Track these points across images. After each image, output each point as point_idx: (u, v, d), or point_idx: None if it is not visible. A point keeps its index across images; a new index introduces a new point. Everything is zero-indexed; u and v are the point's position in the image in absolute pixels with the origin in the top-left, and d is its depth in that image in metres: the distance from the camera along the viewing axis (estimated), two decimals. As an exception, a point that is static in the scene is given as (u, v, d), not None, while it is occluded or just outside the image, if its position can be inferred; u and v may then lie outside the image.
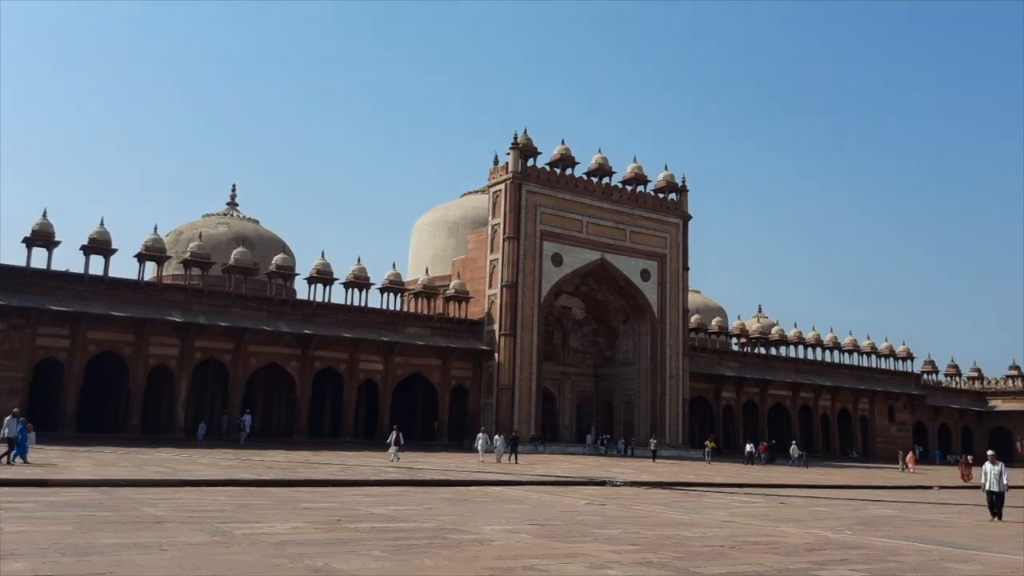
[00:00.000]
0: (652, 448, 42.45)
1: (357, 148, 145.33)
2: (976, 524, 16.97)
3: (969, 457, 40.29)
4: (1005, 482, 17.58)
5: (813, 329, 65.42)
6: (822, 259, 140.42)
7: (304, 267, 46.54)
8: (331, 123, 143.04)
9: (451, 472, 25.89)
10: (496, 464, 31.19)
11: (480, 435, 34.82)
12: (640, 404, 52.42)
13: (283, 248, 50.78)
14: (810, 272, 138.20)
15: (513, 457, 33.58)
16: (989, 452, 18.81)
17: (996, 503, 17.65)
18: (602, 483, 24.59)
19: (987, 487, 17.78)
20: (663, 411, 51.61)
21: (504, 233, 47.16)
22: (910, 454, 47.23)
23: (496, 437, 34.67)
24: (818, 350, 65.20)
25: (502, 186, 47.98)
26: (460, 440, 45.10)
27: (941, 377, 75.59)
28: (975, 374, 76.36)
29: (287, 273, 46.14)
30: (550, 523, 13.98)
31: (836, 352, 66.24)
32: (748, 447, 46.60)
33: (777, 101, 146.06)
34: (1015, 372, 73.24)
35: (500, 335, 46.18)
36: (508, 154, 48.31)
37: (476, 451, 34.39)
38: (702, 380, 56.00)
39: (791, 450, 47.51)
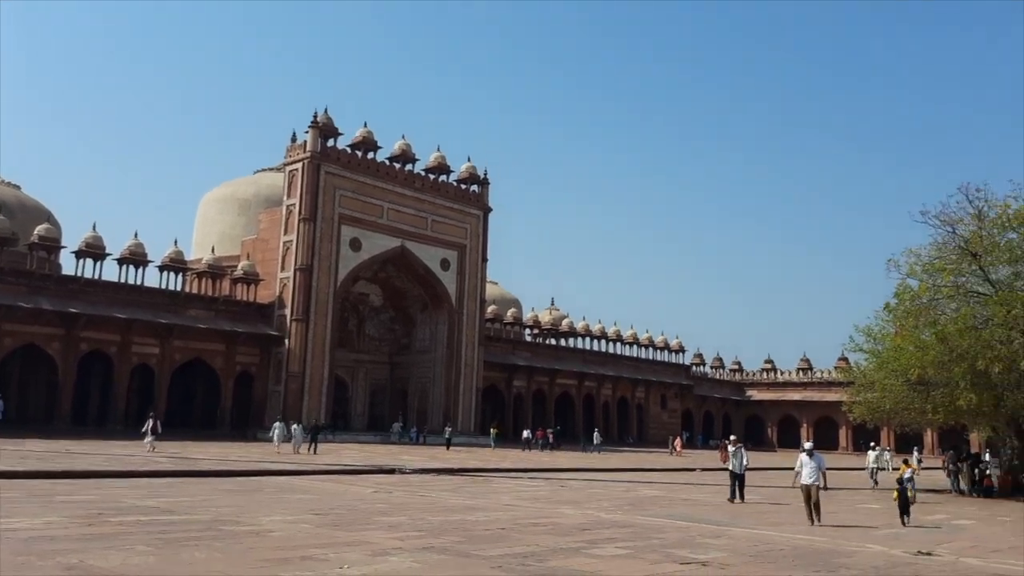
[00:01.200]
0: (447, 436, 42.92)
1: (140, 114, 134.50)
2: (728, 503, 18.62)
3: (728, 441, 44.43)
4: (745, 463, 18.85)
5: (599, 322, 69.18)
6: (611, 257, 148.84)
7: (73, 240, 42.37)
8: (110, 82, 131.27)
9: (232, 462, 24.67)
10: (294, 455, 29.96)
11: (277, 424, 33.19)
12: (434, 392, 52.81)
13: (48, 218, 45.77)
14: (600, 268, 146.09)
15: (313, 447, 32.41)
16: (731, 437, 19.86)
17: (739, 484, 18.57)
18: (392, 471, 24.50)
19: (731, 468, 18.84)
20: (457, 399, 52.32)
21: (300, 214, 45.56)
22: (678, 439, 51.33)
23: (295, 426, 33.23)
24: (603, 342, 69.01)
25: (299, 165, 46.32)
26: (244, 429, 43.07)
27: (708, 369, 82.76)
28: (736, 367, 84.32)
29: (51, 245, 41.76)
30: (334, 512, 13.70)
31: (618, 344, 70.44)
32: (525, 433, 47.88)
33: (580, 101, 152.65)
34: (769, 366, 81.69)
35: (292, 320, 44.62)
36: (307, 133, 46.72)
37: (270, 441, 32.81)
38: (496, 369, 57.42)
39: (594, 437, 49.74)
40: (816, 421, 73.60)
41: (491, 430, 47.17)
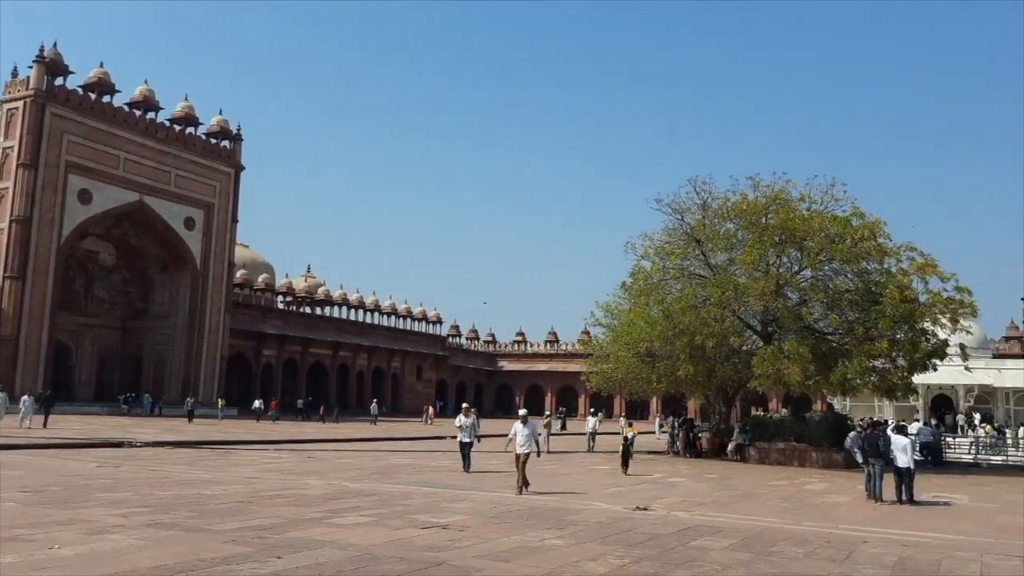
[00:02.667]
0: (188, 407, 40.22)
1: None
2: (474, 469, 19.10)
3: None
4: (476, 433, 18.12)
5: (357, 291, 68.38)
6: (372, 227, 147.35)
7: None
8: None
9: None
10: (19, 428, 26.30)
11: (-8, 394, 28.91)
12: (173, 360, 49.39)
13: None
14: (361, 238, 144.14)
15: (44, 419, 28.64)
16: (464, 405, 19.28)
17: (467, 453, 17.80)
18: (120, 444, 22.55)
19: (460, 438, 17.90)
20: (199, 368, 49.33)
21: (19, 158, 40.32)
22: (431, 408, 52.37)
23: (25, 398, 29.04)
24: (360, 312, 68.35)
25: (20, 103, 40.89)
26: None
27: (463, 340, 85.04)
28: (490, 339, 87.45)
29: None
30: (48, 489, 12.35)
31: (376, 314, 70.15)
32: (257, 403, 45.80)
33: (350, 68, 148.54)
34: (520, 338, 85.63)
35: (5, 277, 39.45)
36: (31, 68, 41.24)
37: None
38: (244, 337, 54.84)
39: (372, 407, 48.95)
40: (560, 390, 78.42)
41: (218, 400, 44.93)
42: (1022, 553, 9.73)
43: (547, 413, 30.29)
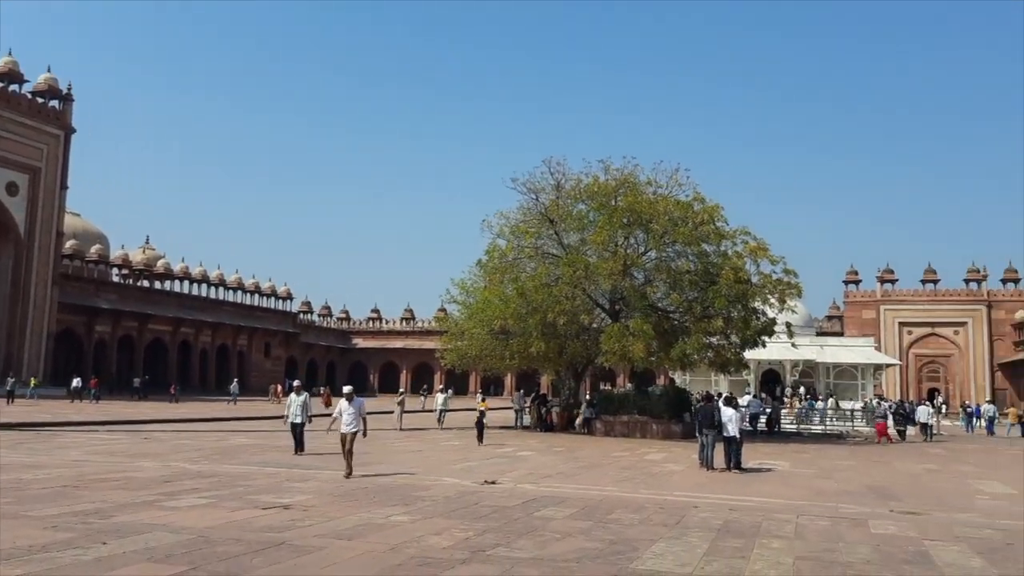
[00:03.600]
0: (9, 388, 36.89)
1: None
2: (320, 450, 18.71)
3: (327, 389, 45.25)
4: (307, 413, 16.97)
5: (201, 265, 65.14)
6: (217, 198, 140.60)
7: None
8: None
9: None
10: None
11: None
12: (-8, 337, 45.29)
13: None
14: (206, 210, 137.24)
15: None
16: (295, 383, 17.89)
17: (299, 434, 16.82)
18: (-76, 428, 20.50)
19: (290, 419, 16.84)
20: (23, 345, 45.57)
21: None
22: (279, 387, 50.85)
23: None
24: (204, 286, 65.20)
25: None
26: None
27: (315, 317, 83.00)
28: (344, 315, 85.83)
29: None
30: None
31: (222, 289, 67.15)
32: (75, 381, 41.56)
33: (200, 33, 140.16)
34: (375, 315, 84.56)
35: None
36: None
37: None
38: (74, 312, 51.04)
39: (232, 386, 46.57)
40: (415, 367, 78.21)
41: (31, 380, 41.20)
42: (831, 514, 10.65)
43: (401, 391, 30.23)
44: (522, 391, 33.14)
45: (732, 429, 15.76)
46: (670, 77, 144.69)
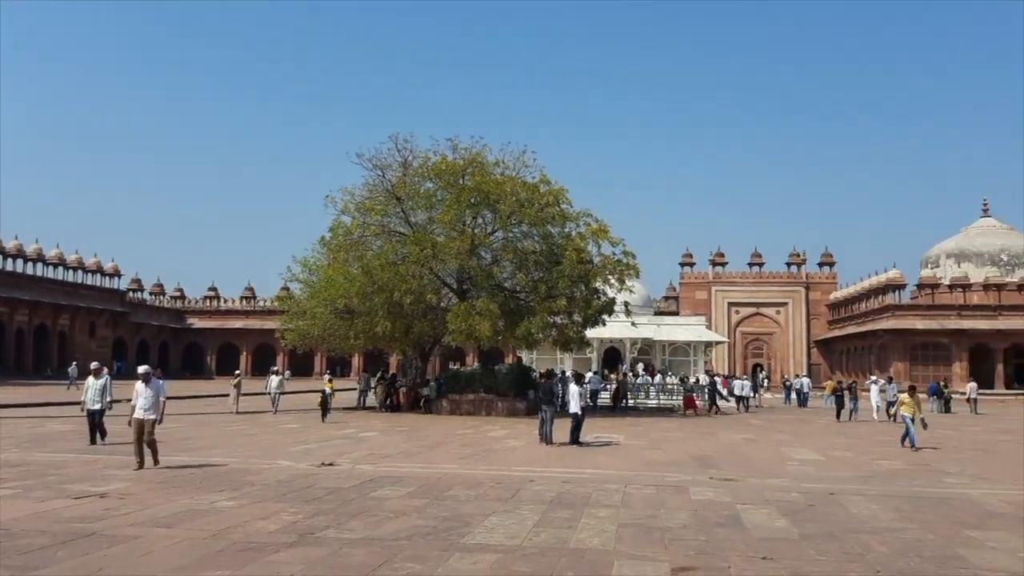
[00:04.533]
0: None
1: None
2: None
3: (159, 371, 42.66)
4: (108, 399, 15.21)
5: (16, 238, 59.63)
6: (37, 165, 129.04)
7: None
8: None
9: None
10: None
11: None
12: None
13: None
14: (23, 177, 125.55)
15: None
16: (93, 365, 15.72)
17: (98, 421, 15.03)
18: None
19: (87, 405, 15.10)
20: None
21: None
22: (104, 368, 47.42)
23: None
24: (19, 261, 59.75)
25: None
26: None
27: (147, 295, 78.02)
28: (178, 294, 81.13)
29: None
30: None
31: (40, 265, 61.81)
32: None
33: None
34: (212, 294, 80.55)
35: None
36: None
37: None
38: None
39: (70, 370, 42.38)
40: (256, 348, 75.30)
41: None
42: (657, 482, 11.20)
43: (237, 372, 28.97)
44: (368, 372, 32.68)
45: (574, 405, 16.22)
46: (516, 62, 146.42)
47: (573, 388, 16.71)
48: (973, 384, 37.00)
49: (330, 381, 25.32)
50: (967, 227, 66.81)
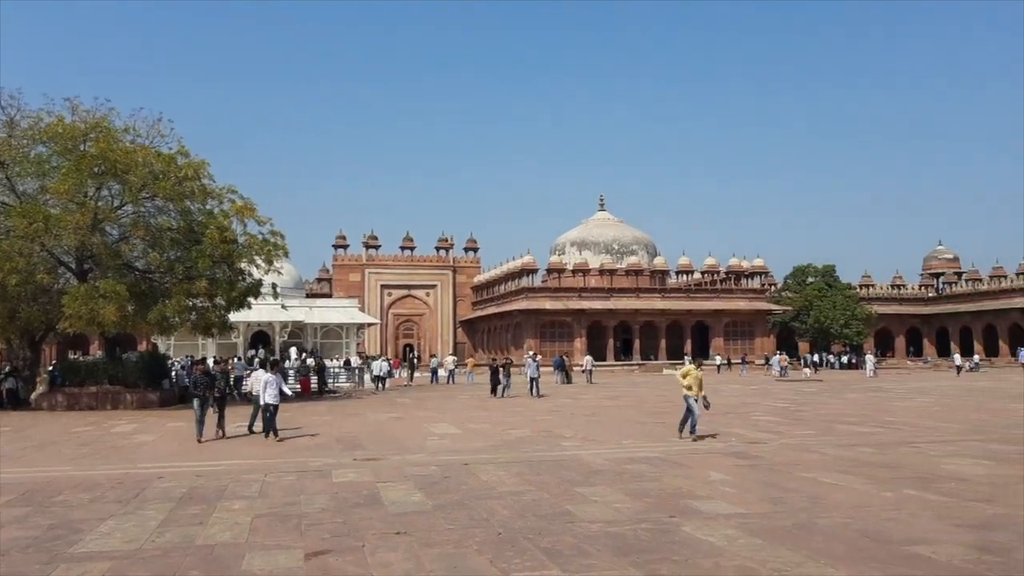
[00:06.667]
0: None
1: None
2: None
3: None
4: None
5: None
6: None
7: None
8: None
9: None
10: None
11: None
12: None
13: None
14: None
15: None
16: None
17: None
18: None
19: None
20: None
21: None
22: None
23: None
24: None
25: None
26: None
27: None
28: None
29: None
30: None
31: None
32: None
33: None
34: None
35: None
36: None
37: None
38: None
39: None
40: None
41: None
42: (299, 468, 10.99)
43: None
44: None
45: (269, 396, 14.96)
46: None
47: (264, 376, 15.32)
48: (589, 357, 42.09)
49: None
50: (587, 219, 75.66)
